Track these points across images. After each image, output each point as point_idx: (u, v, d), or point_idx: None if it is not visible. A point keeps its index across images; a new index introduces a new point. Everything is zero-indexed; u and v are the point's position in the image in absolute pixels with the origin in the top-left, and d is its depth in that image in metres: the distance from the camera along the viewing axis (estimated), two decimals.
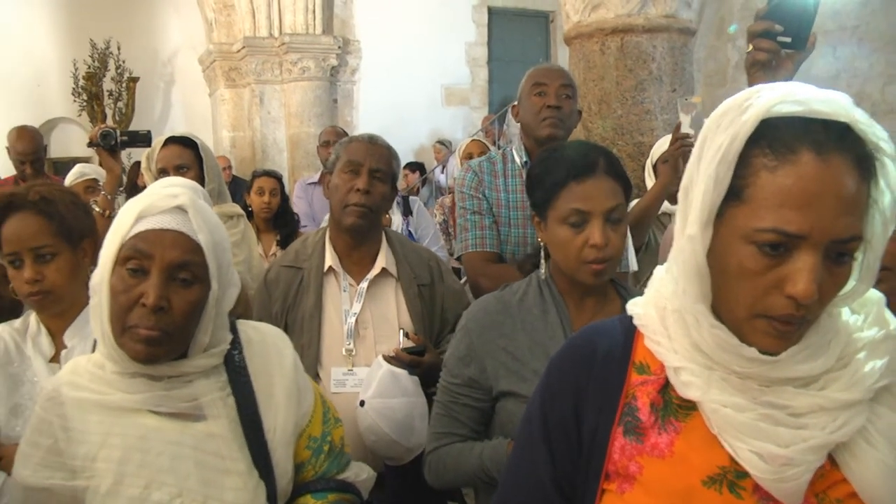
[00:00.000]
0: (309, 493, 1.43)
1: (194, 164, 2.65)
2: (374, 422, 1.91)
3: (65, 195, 1.81)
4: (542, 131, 2.45)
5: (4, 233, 1.73)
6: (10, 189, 1.79)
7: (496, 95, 10.95)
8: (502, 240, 2.48)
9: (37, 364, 1.75)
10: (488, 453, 1.61)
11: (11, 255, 1.73)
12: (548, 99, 2.45)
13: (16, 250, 1.72)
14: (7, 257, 1.74)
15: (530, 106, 2.49)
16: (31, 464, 1.28)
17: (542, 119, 2.45)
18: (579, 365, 1.05)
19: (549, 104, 2.44)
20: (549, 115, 2.44)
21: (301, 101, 9.00)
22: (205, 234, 1.29)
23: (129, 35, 9.94)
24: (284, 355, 1.45)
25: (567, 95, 2.48)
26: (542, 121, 2.45)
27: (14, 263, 1.74)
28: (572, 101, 2.51)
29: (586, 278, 1.62)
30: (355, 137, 2.24)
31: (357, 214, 2.11)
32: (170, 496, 1.25)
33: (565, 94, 2.47)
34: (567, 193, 1.63)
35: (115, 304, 1.26)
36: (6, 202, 1.74)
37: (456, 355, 1.71)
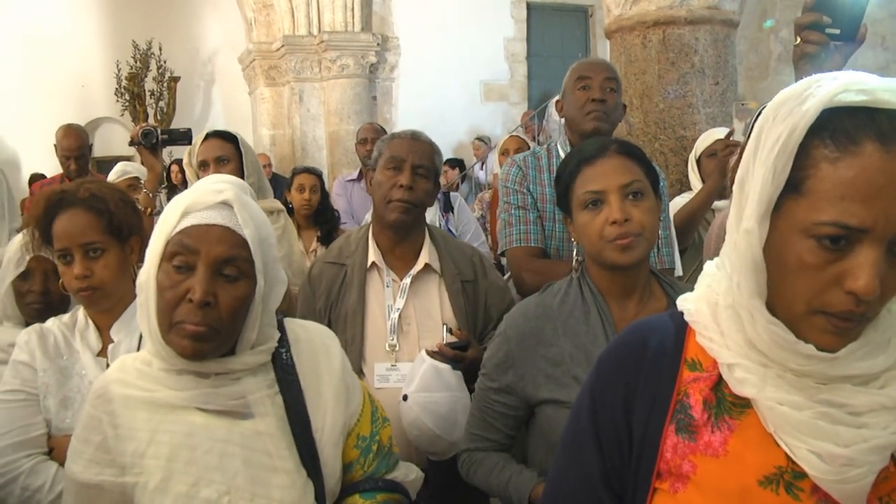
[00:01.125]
0: (357, 493, 1.42)
1: (234, 158, 2.67)
2: (417, 416, 1.91)
3: (114, 193, 1.84)
4: (586, 125, 2.43)
5: (56, 229, 1.77)
6: (61, 186, 1.82)
7: (535, 91, 10.88)
8: (546, 235, 2.46)
9: (85, 358, 1.78)
10: (515, 484, 1.61)
11: (62, 251, 1.76)
12: (592, 93, 2.43)
13: (66, 246, 1.75)
14: (58, 253, 1.77)
15: (574, 100, 2.47)
16: (82, 460, 1.29)
17: (586, 113, 2.43)
18: (629, 361, 1.03)
19: (594, 98, 2.42)
20: (594, 108, 2.42)
21: (340, 99, 9.04)
22: (251, 230, 1.28)
23: (170, 36, 10.12)
24: (332, 354, 1.45)
25: (611, 89, 2.45)
26: (586, 115, 2.43)
27: (64, 259, 1.77)
28: (616, 94, 2.48)
29: (614, 257, 1.58)
30: (397, 134, 2.24)
31: (400, 210, 2.10)
32: (218, 493, 1.24)
33: (609, 88, 2.45)
34: (581, 179, 1.63)
35: (162, 301, 1.26)
36: (57, 199, 1.77)
37: (494, 360, 1.69)
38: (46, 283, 2.02)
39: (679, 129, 3.66)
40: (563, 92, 2.57)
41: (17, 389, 1.74)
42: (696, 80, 3.60)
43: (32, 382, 1.75)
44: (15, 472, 1.66)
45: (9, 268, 2.01)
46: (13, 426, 1.70)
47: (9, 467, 1.66)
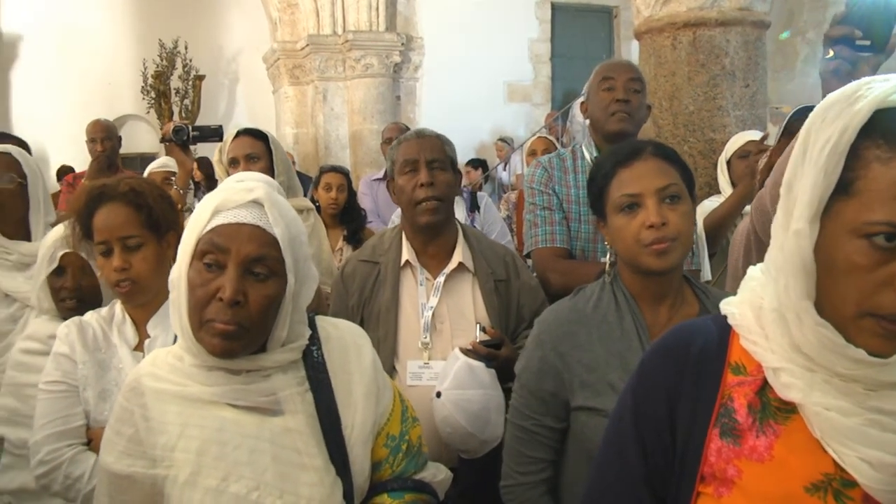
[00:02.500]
0: (386, 492, 1.41)
1: (264, 156, 2.68)
2: (450, 413, 1.90)
3: (153, 188, 1.87)
4: (610, 126, 2.42)
5: (96, 222, 1.80)
6: (101, 181, 1.85)
7: (558, 92, 10.86)
8: (572, 236, 2.46)
9: (122, 352, 1.80)
10: None
11: (102, 244, 1.79)
12: (616, 93, 2.42)
13: (106, 239, 1.78)
14: (98, 246, 1.80)
15: (599, 101, 2.47)
16: (115, 451, 1.31)
17: (610, 114, 2.42)
18: (673, 363, 1.02)
19: (618, 98, 2.41)
20: (618, 109, 2.41)
21: (364, 98, 9.07)
22: (281, 228, 1.28)
23: (196, 35, 10.21)
24: (363, 353, 1.45)
25: (636, 90, 2.44)
26: (610, 115, 2.42)
27: (104, 252, 1.79)
28: (641, 95, 2.47)
29: (650, 262, 1.54)
30: (403, 138, 2.24)
31: (430, 211, 2.11)
32: (247, 489, 1.25)
33: (634, 89, 2.44)
34: (616, 182, 1.60)
35: (193, 298, 1.26)
36: (98, 193, 1.81)
37: (530, 369, 1.65)
38: (78, 279, 2.04)
39: (708, 131, 3.64)
40: (587, 93, 2.56)
41: (59, 381, 1.77)
42: (726, 83, 3.58)
43: (73, 374, 1.77)
44: (58, 461, 1.70)
45: (43, 263, 2.04)
46: (55, 416, 1.74)
47: (52, 455, 1.70)
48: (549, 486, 1.66)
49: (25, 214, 2.43)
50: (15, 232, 2.42)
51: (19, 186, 2.39)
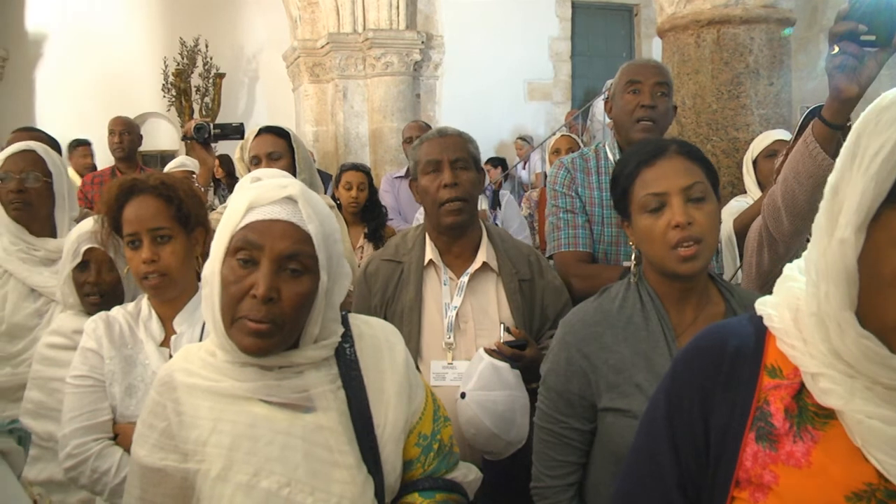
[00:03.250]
0: (417, 492, 1.40)
1: (286, 154, 2.69)
2: (474, 414, 1.89)
3: (183, 183, 1.88)
4: (634, 134, 2.36)
5: (126, 214, 1.81)
6: (132, 175, 1.87)
7: (579, 90, 10.80)
8: (595, 239, 2.43)
9: (148, 348, 1.81)
10: None
11: (131, 236, 1.81)
12: (642, 98, 2.35)
13: (135, 231, 1.80)
14: (127, 238, 1.82)
15: (624, 104, 2.40)
16: (147, 445, 1.31)
17: (635, 120, 2.36)
18: (707, 365, 1.01)
19: (644, 103, 2.34)
20: (643, 115, 2.35)
21: (384, 96, 9.07)
22: (314, 225, 1.28)
23: (216, 33, 10.27)
24: (396, 351, 1.44)
25: (662, 93, 2.38)
26: (635, 122, 2.36)
27: (133, 244, 1.81)
28: (668, 98, 2.41)
29: (676, 266, 1.52)
30: (425, 137, 2.22)
31: (454, 212, 2.09)
32: (278, 485, 1.24)
33: (660, 93, 2.37)
34: (641, 181, 1.58)
35: (226, 295, 1.26)
36: (129, 186, 1.82)
37: (556, 371, 1.64)
38: (101, 274, 2.06)
39: (732, 130, 3.60)
40: (612, 93, 2.51)
41: (86, 375, 1.79)
42: (750, 81, 3.55)
43: (100, 369, 1.79)
44: (85, 454, 1.72)
45: (68, 258, 2.06)
46: (82, 410, 1.75)
47: (80, 449, 1.72)
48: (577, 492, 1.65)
49: (51, 211, 2.46)
50: (41, 228, 2.45)
51: (45, 184, 2.41)
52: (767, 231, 2.05)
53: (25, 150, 2.41)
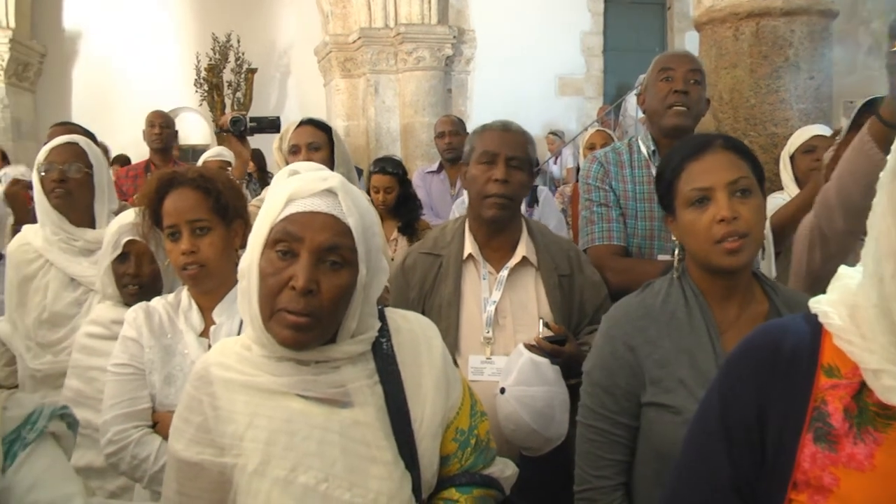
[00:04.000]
0: (454, 487, 1.39)
1: (326, 146, 2.70)
2: (514, 410, 1.88)
3: (222, 175, 1.91)
4: (667, 120, 2.36)
5: (166, 206, 1.84)
6: (172, 168, 1.89)
7: (610, 86, 10.71)
8: (629, 233, 2.42)
9: (188, 337, 1.83)
10: None
11: (171, 228, 1.83)
12: (675, 84, 2.35)
13: (175, 223, 1.82)
14: (167, 230, 1.84)
15: (656, 92, 2.40)
16: (184, 439, 1.31)
17: (668, 106, 2.35)
18: (762, 364, 0.98)
19: (676, 89, 2.34)
20: (676, 100, 2.34)
21: (415, 91, 9.08)
22: (354, 218, 1.27)
23: (248, 29, 10.35)
24: (433, 345, 1.43)
25: (695, 81, 2.37)
26: (667, 108, 2.36)
27: (172, 236, 1.83)
28: (700, 87, 2.40)
29: (721, 260, 1.51)
30: (489, 126, 2.19)
31: (497, 206, 2.08)
32: (315, 480, 1.24)
33: (693, 80, 2.37)
34: (686, 176, 1.56)
35: (265, 287, 1.25)
36: (168, 178, 1.84)
37: (600, 366, 1.62)
38: (140, 266, 2.09)
39: (770, 125, 3.54)
40: (645, 85, 2.50)
41: (126, 363, 1.81)
42: (789, 75, 3.48)
43: (139, 358, 1.81)
44: (126, 441, 1.74)
45: (108, 249, 2.09)
46: (123, 398, 1.78)
47: (121, 436, 1.75)
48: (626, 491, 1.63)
49: (90, 202, 2.50)
50: (81, 219, 2.49)
51: (86, 175, 2.46)
52: (819, 229, 2.02)
53: (69, 143, 2.46)
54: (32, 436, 1.31)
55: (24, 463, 1.28)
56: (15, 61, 9.00)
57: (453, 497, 1.39)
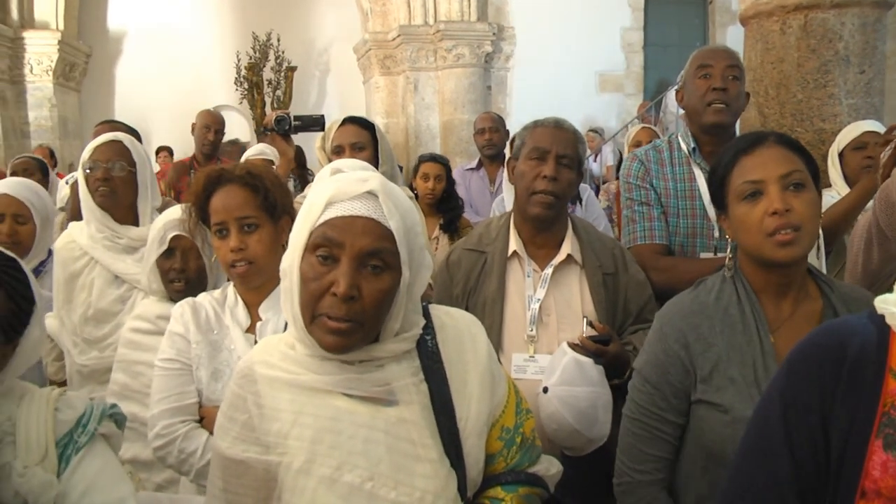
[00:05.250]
0: (499, 485, 1.38)
1: (370, 145, 2.69)
2: (556, 409, 1.86)
3: (269, 172, 1.91)
4: (707, 117, 2.35)
5: (213, 204, 1.85)
6: (220, 165, 1.90)
7: (651, 82, 10.60)
8: (671, 231, 2.40)
9: (234, 333, 1.84)
10: None
11: (219, 225, 1.84)
12: (713, 81, 2.34)
13: (223, 220, 1.83)
14: (215, 227, 1.85)
15: (695, 89, 2.39)
16: (229, 437, 1.31)
17: (707, 103, 2.34)
18: (826, 365, 0.95)
19: (715, 86, 2.33)
20: (715, 97, 2.33)
21: (455, 88, 9.08)
22: (396, 220, 1.25)
23: (288, 27, 10.45)
24: (478, 342, 1.41)
25: (734, 76, 2.36)
26: (707, 105, 2.34)
27: (220, 233, 1.84)
28: (739, 82, 2.39)
29: (774, 253, 1.49)
30: (541, 122, 2.17)
31: (543, 204, 2.06)
32: (361, 479, 1.23)
33: (732, 76, 2.35)
34: (738, 170, 1.56)
35: (306, 292, 1.25)
36: (217, 176, 1.86)
37: (652, 363, 1.61)
38: (186, 261, 2.10)
39: (818, 121, 3.45)
40: (683, 81, 2.49)
41: (173, 359, 1.82)
42: (839, 69, 3.38)
43: (187, 353, 1.83)
44: (173, 435, 1.76)
45: (153, 246, 2.11)
46: (170, 392, 1.80)
47: (168, 430, 1.77)
48: (666, 485, 1.62)
49: (134, 200, 2.53)
50: (124, 217, 2.53)
51: (130, 174, 2.48)
52: (878, 228, 1.98)
53: (113, 141, 2.49)
54: (84, 439, 1.34)
55: (77, 467, 1.32)
56: (62, 62, 9.21)
57: (499, 495, 1.37)
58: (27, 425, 1.31)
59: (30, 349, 1.37)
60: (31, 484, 1.26)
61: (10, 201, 2.63)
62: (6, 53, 8.68)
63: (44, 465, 1.29)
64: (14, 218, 2.64)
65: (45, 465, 1.29)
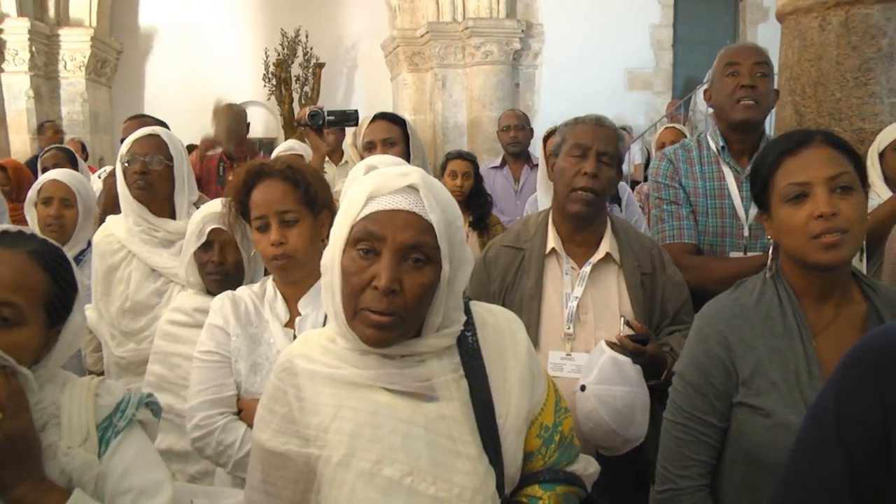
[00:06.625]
0: (537, 483, 1.37)
1: (401, 141, 2.69)
2: (594, 408, 1.85)
3: (308, 167, 1.92)
4: (735, 114, 2.34)
5: (254, 198, 1.85)
6: (260, 160, 1.91)
7: (680, 80, 10.49)
8: (700, 230, 2.39)
9: (273, 327, 1.84)
10: None
11: (259, 219, 1.84)
12: (741, 79, 2.33)
13: (263, 213, 1.83)
14: (255, 221, 1.85)
15: (723, 87, 2.38)
16: (269, 429, 1.32)
17: (735, 101, 2.33)
18: (885, 369, 0.92)
19: (743, 84, 2.33)
20: (743, 95, 2.32)
21: (483, 86, 9.07)
22: (437, 214, 1.24)
23: (316, 24, 10.47)
24: (519, 340, 1.41)
25: (762, 74, 2.35)
26: (735, 103, 2.34)
27: (260, 227, 1.84)
28: (768, 79, 2.38)
29: (818, 256, 1.45)
30: (582, 119, 2.16)
31: (584, 202, 2.04)
32: (400, 473, 1.23)
33: (760, 73, 2.34)
34: (783, 171, 1.52)
35: (347, 286, 1.25)
36: (257, 170, 1.86)
37: (694, 365, 1.59)
38: (224, 254, 2.11)
39: (857, 120, 3.38)
40: (711, 79, 2.48)
41: (213, 351, 1.83)
42: (881, 67, 3.30)
43: (226, 346, 1.84)
44: (212, 427, 1.78)
45: (191, 239, 2.12)
46: (209, 384, 1.81)
47: (207, 421, 1.78)
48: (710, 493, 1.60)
49: (171, 194, 2.55)
50: (161, 210, 2.55)
51: (167, 167, 2.50)
52: None
53: (150, 135, 2.51)
54: (123, 423, 1.37)
55: (116, 450, 1.35)
56: (94, 58, 9.34)
57: (536, 494, 1.36)
58: (70, 409, 1.34)
59: (72, 336, 1.39)
60: (75, 463, 1.29)
61: (60, 186, 2.88)
62: (42, 50, 8.82)
63: (85, 446, 1.32)
64: (62, 202, 2.86)
65: (86, 446, 1.32)
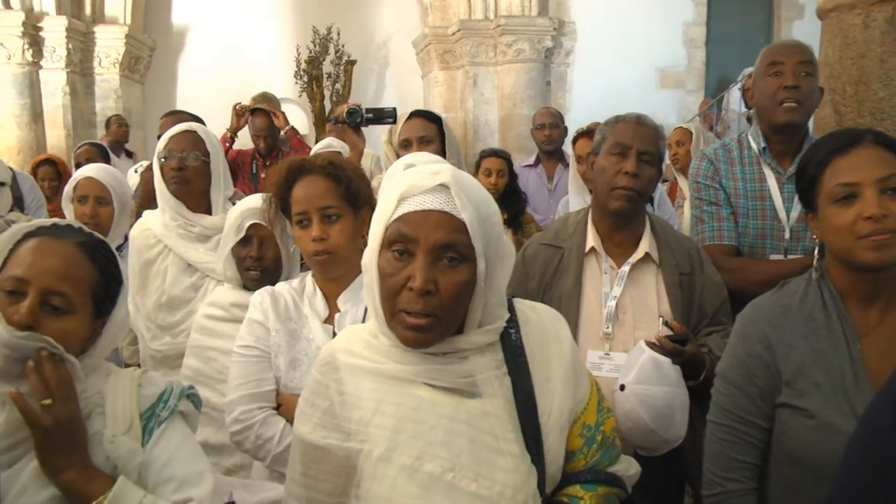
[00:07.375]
0: (578, 483, 1.36)
1: (437, 138, 2.70)
2: (633, 408, 1.84)
3: (350, 163, 1.92)
4: (777, 117, 2.29)
5: (295, 194, 1.86)
6: (301, 156, 1.92)
7: (712, 78, 10.36)
8: (740, 232, 2.36)
9: (313, 323, 1.85)
10: None
11: (300, 215, 1.85)
12: (784, 79, 2.27)
13: (304, 209, 1.84)
14: (296, 217, 1.86)
15: (765, 87, 2.32)
16: (310, 423, 1.33)
17: (778, 102, 2.28)
18: None
19: (787, 84, 2.26)
20: (787, 96, 2.26)
21: (514, 84, 9.02)
22: (469, 212, 1.23)
23: (348, 22, 10.50)
24: (562, 338, 1.40)
25: (806, 73, 2.28)
26: (778, 104, 2.28)
27: (301, 223, 1.85)
28: (813, 78, 2.31)
29: (866, 256, 1.43)
30: (622, 118, 2.14)
31: (624, 198, 2.03)
32: (441, 469, 1.23)
33: (804, 72, 2.28)
34: (831, 171, 1.50)
35: (384, 288, 1.25)
36: (298, 166, 1.87)
37: (736, 366, 1.57)
38: (263, 250, 2.12)
39: None
40: (753, 79, 2.43)
41: (252, 346, 1.85)
42: None
43: (265, 341, 1.85)
44: (251, 421, 1.79)
45: (230, 234, 2.13)
46: (248, 379, 1.82)
47: (246, 415, 1.79)
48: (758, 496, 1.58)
49: (207, 189, 2.57)
50: (197, 205, 2.57)
51: (203, 163, 2.52)
52: None
53: (187, 131, 2.53)
54: (165, 414, 1.39)
55: (159, 439, 1.37)
56: (128, 55, 9.46)
57: (577, 494, 1.35)
58: (114, 399, 1.37)
59: (116, 327, 1.42)
60: (120, 451, 1.32)
61: (94, 184, 2.81)
62: (78, 47, 8.93)
63: (129, 435, 1.34)
64: (96, 200, 2.81)
65: (130, 435, 1.34)
